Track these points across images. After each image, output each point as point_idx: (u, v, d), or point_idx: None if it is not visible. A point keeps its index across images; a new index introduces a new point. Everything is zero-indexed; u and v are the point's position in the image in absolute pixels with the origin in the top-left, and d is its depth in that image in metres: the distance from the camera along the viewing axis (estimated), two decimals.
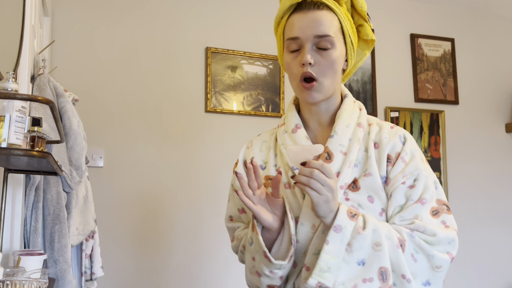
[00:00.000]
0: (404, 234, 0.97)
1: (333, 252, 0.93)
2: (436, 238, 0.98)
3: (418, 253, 0.97)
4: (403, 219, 1.00)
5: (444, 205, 1.03)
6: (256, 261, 1.02)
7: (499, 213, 3.20)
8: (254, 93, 2.75)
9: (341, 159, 1.04)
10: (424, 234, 0.98)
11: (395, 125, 1.10)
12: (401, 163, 1.03)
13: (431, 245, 0.98)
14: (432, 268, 0.98)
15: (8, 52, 1.22)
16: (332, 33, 1.03)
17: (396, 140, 1.05)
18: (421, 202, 1.01)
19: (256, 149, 1.18)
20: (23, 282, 0.97)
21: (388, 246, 0.95)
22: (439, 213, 1.01)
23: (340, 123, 1.06)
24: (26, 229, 1.48)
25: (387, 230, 0.97)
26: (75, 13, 2.47)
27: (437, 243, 0.98)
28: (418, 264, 0.97)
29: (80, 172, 1.64)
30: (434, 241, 0.98)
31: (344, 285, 0.93)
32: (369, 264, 0.94)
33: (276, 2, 2.87)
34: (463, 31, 3.34)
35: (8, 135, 0.97)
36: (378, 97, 3.04)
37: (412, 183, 1.02)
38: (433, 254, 0.97)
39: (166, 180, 2.52)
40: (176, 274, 2.47)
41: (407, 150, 1.05)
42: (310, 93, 1.04)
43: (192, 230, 2.53)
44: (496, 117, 3.32)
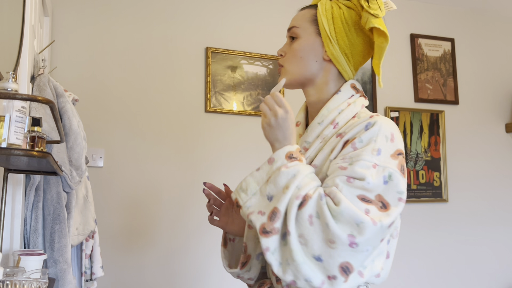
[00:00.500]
0: (315, 193, 0.91)
1: (257, 179, 0.97)
2: (338, 208, 0.87)
3: (317, 217, 0.88)
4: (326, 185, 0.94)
5: (382, 203, 0.90)
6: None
7: (499, 213, 3.20)
8: (254, 93, 2.75)
9: None
10: (331, 201, 0.89)
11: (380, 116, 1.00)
12: (349, 148, 0.96)
13: (332, 215, 0.87)
14: (325, 240, 0.87)
15: (8, 52, 1.22)
16: (298, 24, 1.10)
17: (361, 127, 0.98)
18: (348, 179, 0.91)
19: None
20: (23, 282, 0.97)
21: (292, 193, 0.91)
22: (369, 203, 0.89)
23: (315, 119, 1.08)
24: (26, 229, 1.48)
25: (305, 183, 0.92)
26: (75, 13, 2.47)
27: (339, 215, 0.86)
28: (313, 229, 0.88)
29: (80, 172, 1.64)
30: (335, 211, 0.87)
31: (248, 209, 0.95)
32: (273, 201, 0.93)
33: (276, 2, 2.87)
34: (463, 31, 3.34)
35: (8, 135, 0.97)
36: (378, 97, 3.04)
37: (345, 166, 0.93)
38: (328, 224, 0.86)
39: (166, 180, 2.52)
40: (178, 274, 2.47)
41: (365, 137, 0.95)
42: (280, 77, 1.13)
43: (193, 230, 2.53)
44: (496, 117, 3.32)
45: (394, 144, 0.96)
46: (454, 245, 3.06)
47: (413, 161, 3.05)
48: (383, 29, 1.03)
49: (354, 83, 1.12)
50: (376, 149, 0.93)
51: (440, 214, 3.06)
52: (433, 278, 2.98)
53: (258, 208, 0.94)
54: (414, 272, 2.94)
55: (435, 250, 3.01)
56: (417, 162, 3.05)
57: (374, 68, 1.12)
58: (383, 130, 0.96)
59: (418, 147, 3.07)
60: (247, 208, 0.95)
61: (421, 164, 3.06)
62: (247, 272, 1.15)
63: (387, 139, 0.96)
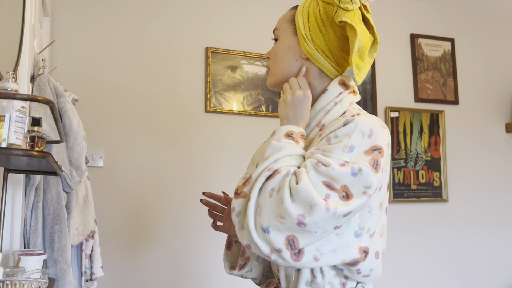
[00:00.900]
0: (286, 170, 0.90)
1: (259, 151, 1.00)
2: (296, 187, 0.86)
3: (277, 192, 0.88)
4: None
5: (346, 193, 0.88)
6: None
7: (499, 213, 3.20)
8: (254, 93, 2.75)
9: None
10: (295, 179, 0.88)
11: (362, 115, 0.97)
12: (324, 141, 0.95)
13: (290, 192, 0.87)
14: (276, 214, 0.87)
15: (8, 52, 1.22)
16: (278, 25, 1.13)
17: (339, 123, 0.96)
18: (317, 163, 0.90)
19: None
20: (23, 282, 0.97)
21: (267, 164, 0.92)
22: (333, 190, 0.87)
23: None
24: (26, 229, 1.47)
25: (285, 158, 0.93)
26: (75, 13, 2.47)
27: (296, 194, 0.86)
28: (270, 202, 0.88)
29: (80, 172, 1.64)
30: (294, 189, 0.86)
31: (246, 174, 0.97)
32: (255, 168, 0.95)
33: (276, 2, 2.87)
34: (463, 31, 3.34)
35: (8, 135, 0.97)
36: (378, 97, 3.04)
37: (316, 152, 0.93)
38: (284, 200, 0.86)
39: (166, 180, 2.52)
40: (178, 274, 2.47)
41: (340, 133, 0.94)
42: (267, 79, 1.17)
43: (193, 230, 2.53)
44: (496, 117, 3.32)
45: (371, 140, 0.92)
46: (454, 245, 3.06)
47: (413, 161, 3.05)
48: (351, 22, 1.00)
49: (342, 79, 1.08)
50: (349, 146, 0.91)
51: (440, 214, 3.06)
52: (433, 278, 2.98)
53: (245, 174, 0.98)
54: (414, 272, 2.94)
55: (435, 250, 3.01)
56: (417, 162, 3.05)
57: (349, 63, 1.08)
58: (360, 127, 0.93)
59: (418, 147, 3.07)
60: (246, 173, 0.98)
61: (421, 164, 3.06)
62: (249, 273, 1.17)
63: (363, 135, 0.92)
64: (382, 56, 3.09)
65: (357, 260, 0.94)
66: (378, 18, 3.12)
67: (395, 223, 2.92)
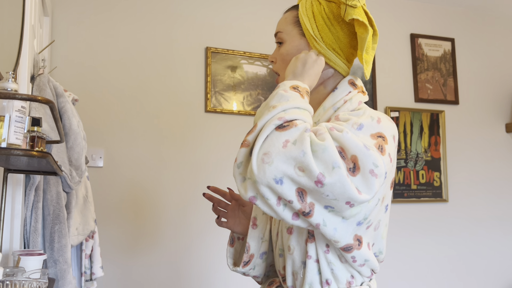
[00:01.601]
0: (302, 125, 0.85)
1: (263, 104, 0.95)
2: (322, 144, 0.82)
3: (294, 144, 0.82)
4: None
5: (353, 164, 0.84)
6: None
7: (499, 213, 3.20)
8: (254, 93, 2.75)
9: None
10: (315, 136, 0.84)
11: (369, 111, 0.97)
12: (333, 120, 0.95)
13: (313, 146, 0.82)
14: (294, 166, 0.81)
15: (8, 52, 1.22)
16: (282, 28, 1.10)
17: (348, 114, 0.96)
18: (331, 129, 0.87)
19: None
20: (23, 282, 0.97)
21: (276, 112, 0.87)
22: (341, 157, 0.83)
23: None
24: (26, 229, 1.47)
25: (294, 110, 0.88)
26: (75, 13, 2.47)
27: (321, 150, 0.81)
28: (284, 151, 0.81)
29: (80, 172, 1.64)
30: (318, 145, 0.82)
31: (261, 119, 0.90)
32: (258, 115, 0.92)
33: (276, 2, 2.87)
34: (463, 31, 3.34)
35: (8, 135, 0.97)
36: (378, 97, 3.04)
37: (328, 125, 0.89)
38: (306, 153, 0.80)
39: (166, 180, 2.52)
40: (178, 274, 2.47)
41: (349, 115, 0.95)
42: None
43: (193, 229, 2.53)
44: (496, 117, 3.32)
45: (379, 126, 0.92)
46: (454, 244, 3.06)
47: (413, 161, 3.05)
48: (362, 19, 1.00)
49: (352, 79, 1.09)
50: (358, 124, 0.90)
51: (440, 214, 3.06)
52: (433, 278, 2.98)
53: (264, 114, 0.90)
54: (413, 272, 2.94)
55: (435, 250, 3.01)
56: (417, 162, 3.05)
57: (359, 59, 1.07)
58: (369, 112, 0.95)
59: (418, 147, 3.07)
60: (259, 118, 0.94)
61: (421, 164, 3.06)
62: (252, 270, 1.17)
63: (372, 119, 0.93)
64: (382, 56, 3.09)
65: (351, 246, 0.91)
66: (378, 18, 3.11)
67: (395, 223, 2.92)
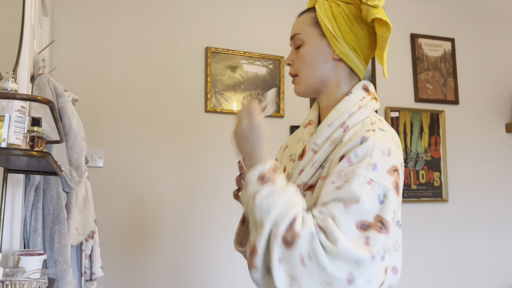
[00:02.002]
0: (305, 231, 0.84)
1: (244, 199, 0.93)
2: (336, 249, 0.83)
3: (310, 259, 0.83)
4: (321, 213, 0.88)
5: (380, 223, 0.87)
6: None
7: (499, 213, 3.20)
8: (254, 93, 2.75)
9: (309, 157, 1.03)
10: (326, 239, 0.84)
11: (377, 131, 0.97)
12: (345, 163, 0.92)
13: (328, 254, 0.83)
14: (321, 283, 0.83)
15: (8, 52, 1.22)
16: (300, 30, 1.10)
17: (356, 141, 0.94)
18: (345, 205, 0.87)
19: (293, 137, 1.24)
20: (23, 282, 0.97)
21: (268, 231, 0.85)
22: (368, 228, 0.86)
23: (324, 121, 1.04)
24: (26, 229, 1.47)
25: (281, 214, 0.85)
26: (75, 13, 2.47)
27: (338, 254, 0.83)
28: (307, 271, 0.83)
29: (80, 172, 1.64)
30: (333, 251, 0.83)
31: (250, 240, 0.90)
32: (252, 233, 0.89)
33: (276, 2, 2.87)
34: (463, 31, 3.34)
35: (8, 135, 0.97)
36: (378, 97, 3.03)
37: (340, 184, 0.90)
38: (325, 267, 0.82)
39: (166, 180, 2.52)
40: (178, 274, 2.47)
41: (360, 151, 0.92)
42: (294, 87, 1.13)
43: (193, 229, 2.53)
44: (496, 117, 3.32)
45: (391, 159, 0.93)
46: (454, 245, 3.06)
47: (413, 161, 3.04)
48: (385, 19, 1.01)
49: (366, 85, 1.09)
50: (372, 164, 0.90)
51: (440, 214, 3.06)
52: (433, 278, 2.98)
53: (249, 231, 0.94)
54: (413, 272, 2.94)
55: (435, 250, 3.01)
56: (417, 162, 3.05)
57: (378, 59, 1.10)
58: (379, 145, 0.93)
59: (418, 147, 3.07)
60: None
61: (421, 164, 3.06)
62: None
63: (383, 153, 0.92)
64: None
65: (383, 280, 0.92)
66: None
67: None
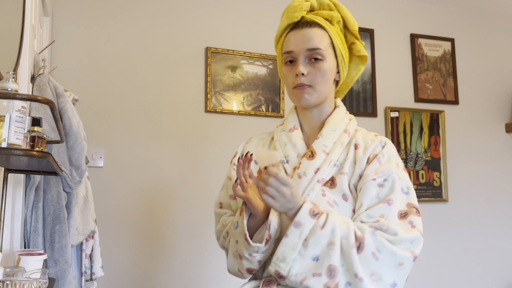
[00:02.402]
0: (366, 233, 1.03)
1: (290, 245, 1.02)
2: (397, 238, 1.04)
3: (380, 251, 1.03)
4: (370, 217, 1.08)
5: (414, 208, 1.11)
6: (238, 244, 1.12)
7: (499, 213, 3.20)
8: (254, 93, 2.75)
9: (322, 157, 1.18)
10: (386, 233, 1.04)
11: (378, 134, 1.23)
12: (376, 162, 1.14)
13: (392, 243, 1.04)
14: (395, 266, 1.04)
15: (8, 52, 1.22)
16: (322, 47, 1.19)
17: (376, 144, 1.18)
18: (387, 203, 1.09)
19: (253, 144, 1.33)
20: (23, 282, 0.97)
21: (342, 245, 1.02)
22: (407, 215, 1.09)
23: (327, 127, 1.21)
24: (26, 229, 1.48)
25: (347, 230, 1.03)
26: (75, 13, 2.47)
27: (399, 241, 1.04)
28: (381, 262, 1.02)
29: (80, 172, 1.64)
30: (395, 240, 1.04)
31: (296, 276, 1.01)
32: (321, 260, 1.01)
33: (275, 2, 2.87)
34: (463, 31, 3.34)
35: (8, 135, 0.97)
36: (378, 97, 3.04)
37: (381, 182, 1.12)
38: (394, 251, 1.03)
39: (166, 180, 2.52)
40: (177, 274, 2.47)
41: (385, 153, 1.16)
42: (303, 96, 1.19)
43: (192, 230, 2.53)
44: (496, 117, 3.32)
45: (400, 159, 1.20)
46: (454, 245, 3.06)
47: (413, 161, 3.05)
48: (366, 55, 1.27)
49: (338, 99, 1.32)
50: (396, 163, 1.16)
51: (440, 214, 3.06)
52: (433, 277, 2.98)
53: (310, 272, 1.01)
54: (413, 272, 2.94)
55: (435, 250, 3.01)
56: (417, 162, 3.05)
57: (346, 87, 1.32)
58: (394, 148, 1.20)
59: (418, 147, 3.07)
60: (295, 275, 1.02)
61: (421, 164, 3.06)
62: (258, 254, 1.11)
63: (397, 154, 1.19)
64: (382, 56, 3.09)
65: None
66: (378, 18, 3.12)
67: None
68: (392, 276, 1.03)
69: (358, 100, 2.98)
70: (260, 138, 1.35)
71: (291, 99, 1.24)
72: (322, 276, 1.00)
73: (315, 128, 1.26)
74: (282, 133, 1.27)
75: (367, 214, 1.08)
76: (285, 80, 1.24)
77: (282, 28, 1.25)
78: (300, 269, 1.01)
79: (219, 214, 1.31)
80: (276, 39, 1.30)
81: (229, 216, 1.28)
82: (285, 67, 1.23)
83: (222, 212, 1.31)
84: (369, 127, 2.99)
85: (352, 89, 2.97)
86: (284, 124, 1.30)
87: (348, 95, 2.96)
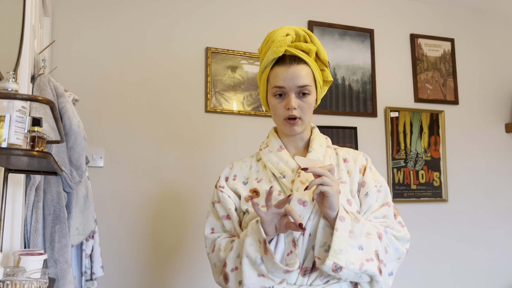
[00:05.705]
0: (381, 229, 1.26)
1: (341, 238, 1.16)
2: (400, 235, 1.29)
3: (389, 246, 1.26)
4: (376, 217, 1.31)
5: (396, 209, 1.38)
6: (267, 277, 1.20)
7: (499, 213, 3.20)
8: (254, 93, 2.75)
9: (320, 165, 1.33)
10: (393, 230, 1.29)
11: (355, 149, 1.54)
12: (369, 171, 1.38)
13: (397, 239, 1.28)
14: (396, 259, 1.28)
15: (8, 52, 1.22)
16: (309, 82, 1.33)
17: (361, 157, 1.41)
18: (387, 205, 1.33)
19: (237, 168, 1.44)
20: (23, 282, 0.97)
21: (374, 236, 1.22)
22: (396, 216, 1.36)
23: (315, 143, 1.39)
24: (26, 229, 1.48)
25: (372, 224, 1.26)
26: (75, 13, 2.47)
27: (401, 239, 1.29)
28: (388, 255, 1.26)
29: (80, 172, 1.64)
30: (399, 237, 1.29)
31: (353, 264, 1.15)
32: (366, 248, 1.19)
33: (275, 2, 2.87)
34: (463, 31, 3.34)
35: (8, 135, 0.97)
36: (378, 97, 3.04)
37: (379, 188, 1.35)
38: (398, 247, 1.28)
39: (166, 180, 2.52)
40: (176, 274, 2.48)
41: (370, 164, 1.41)
42: (294, 128, 1.34)
43: (192, 229, 2.53)
44: (496, 117, 3.32)
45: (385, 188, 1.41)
46: (454, 245, 3.06)
47: (413, 161, 3.05)
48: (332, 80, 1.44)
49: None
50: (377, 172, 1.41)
51: (440, 214, 3.06)
52: (433, 277, 2.98)
53: (363, 258, 1.17)
54: (413, 272, 2.94)
55: (435, 250, 3.01)
56: (417, 162, 3.05)
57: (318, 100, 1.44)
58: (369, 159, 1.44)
59: (418, 147, 3.07)
60: (352, 263, 1.15)
61: (421, 164, 3.06)
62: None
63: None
64: (382, 56, 3.09)
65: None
66: (378, 18, 3.12)
67: None
68: (391, 267, 1.27)
69: (358, 100, 2.98)
70: (243, 161, 1.46)
71: (279, 127, 1.39)
72: (374, 260, 1.18)
73: (300, 148, 1.42)
74: (270, 154, 1.40)
75: (374, 215, 1.31)
76: (274, 110, 1.36)
77: (267, 61, 1.36)
78: (354, 258, 1.15)
79: (211, 239, 1.39)
80: (260, 70, 1.41)
81: (224, 238, 1.35)
82: (274, 99, 1.35)
83: (215, 236, 1.39)
84: (369, 127, 2.99)
85: (352, 89, 2.98)
86: (268, 146, 1.42)
87: (348, 95, 2.96)
